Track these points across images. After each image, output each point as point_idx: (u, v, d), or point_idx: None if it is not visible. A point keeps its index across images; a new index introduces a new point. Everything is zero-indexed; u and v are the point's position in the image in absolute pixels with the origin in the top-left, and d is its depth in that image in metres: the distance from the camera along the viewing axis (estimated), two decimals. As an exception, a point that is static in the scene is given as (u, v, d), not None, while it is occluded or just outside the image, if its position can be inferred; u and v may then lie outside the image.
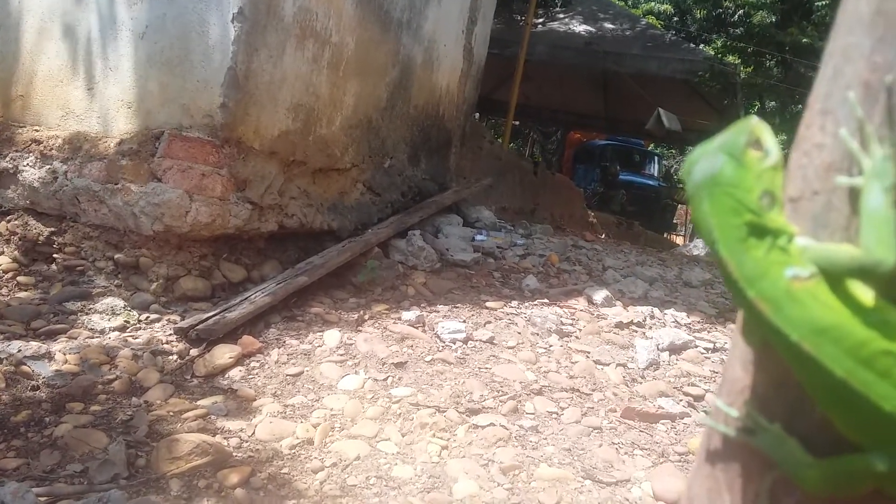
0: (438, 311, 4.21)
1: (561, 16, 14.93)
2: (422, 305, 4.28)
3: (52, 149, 4.05)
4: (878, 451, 0.52)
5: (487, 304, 4.47)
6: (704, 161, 0.60)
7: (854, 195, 0.54)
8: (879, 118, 0.53)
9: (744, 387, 0.62)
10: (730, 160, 0.59)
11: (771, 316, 0.54)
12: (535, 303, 4.60)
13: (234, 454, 2.62)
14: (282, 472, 2.56)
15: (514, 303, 4.56)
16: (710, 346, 4.11)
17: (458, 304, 4.40)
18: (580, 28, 14.41)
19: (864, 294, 0.53)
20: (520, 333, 4.02)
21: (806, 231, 0.58)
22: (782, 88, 12.81)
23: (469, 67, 6.85)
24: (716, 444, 0.64)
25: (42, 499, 2.22)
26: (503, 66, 11.96)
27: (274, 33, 3.94)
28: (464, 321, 4.06)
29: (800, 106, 14.70)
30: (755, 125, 0.61)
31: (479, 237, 6.06)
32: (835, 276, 0.53)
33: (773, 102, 14.78)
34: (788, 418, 0.57)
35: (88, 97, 4.01)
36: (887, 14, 0.52)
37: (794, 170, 0.62)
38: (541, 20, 14.29)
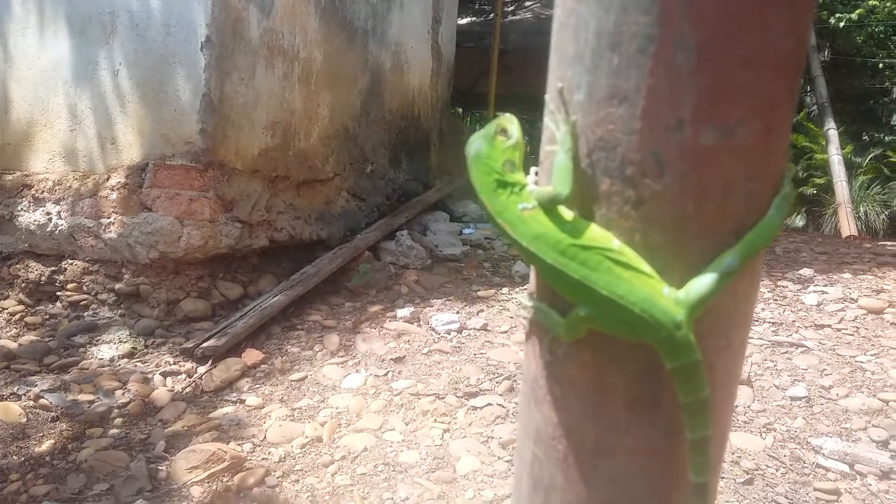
0: (432, 306, 4.36)
1: (528, 3, 15.03)
2: (416, 302, 4.44)
3: (43, 191, 4.20)
4: (579, 305, 0.86)
5: (479, 293, 4.63)
6: (472, 144, 0.95)
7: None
8: (564, 109, 0.89)
9: (532, 288, 1.00)
10: (484, 142, 0.94)
11: (511, 233, 0.88)
12: (526, 287, 4.76)
13: (249, 458, 2.78)
14: (295, 469, 2.72)
15: (505, 289, 4.72)
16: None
17: (451, 297, 4.56)
18: (553, 12, 14.50)
19: (566, 214, 0.87)
20: (512, 317, 4.18)
21: (545, 181, 0.92)
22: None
23: (439, 66, 7.00)
24: (528, 329, 1.01)
25: (73, 518, 2.38)
26: (481, 58, 12.04)
27: (243, 56, 4.09)
28: (457, 312, 4.22)
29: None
30: (503, 120, 0.96)
31: (466, 231, 6.22)
32: (545, 205, 0.87)
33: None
34: (550, 300, 0.94)
35: (72, 138, 4.16)
36: (561, 46, 0.88)
37: (542, 145, 0.96)
38: (511, 8, 14.38)
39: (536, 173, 0.95)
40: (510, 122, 0.96)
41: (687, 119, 0.77)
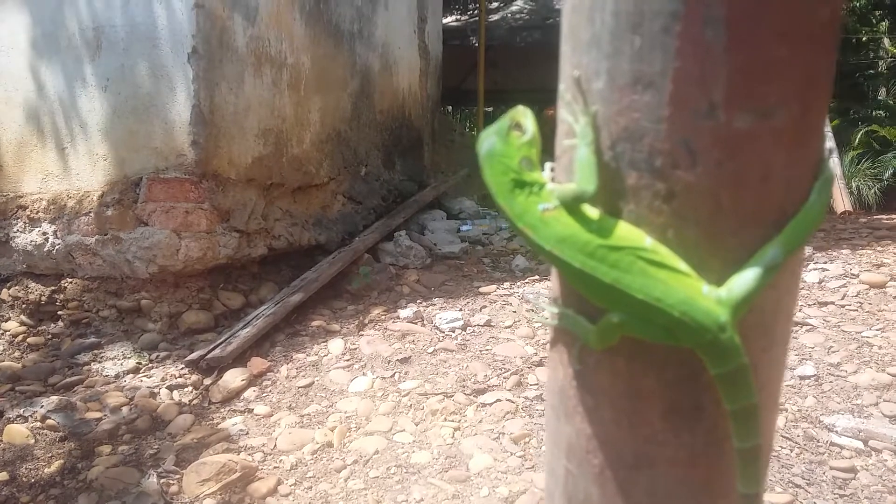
0: (435, 304, 4.35)
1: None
2: (418, 301, 4.42)
3: (38, 212, 4.18)
4: (612, 311, 0.79)
5: (481, 289, 4.61)
6: (485, 141, 0.87)
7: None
8: (582, 99, 0.81)
9: (556, 293, 0.93)
10: (498, 139, 0.86)
11: (532, 236, 0.81)
12: (527, 280, 4.75)
13: (260, 467, 2.77)
14: (307, 476, 2.71)
15: (507, 284, 4.71)
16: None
17: (453, 295, 4.54)
18: (536, 5, 14.52)
19: (591, 212, 0.79)
20: (515, 312, 4.16)
21: (563, 178, 0.85)
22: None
23: (427, 65, 6.98)
24: (552, 337, 0.95)
25: (88, 537, 2.36)
26: (468, 55, 12.07)
27: (230, 65, 4.07)
28: (460, 309, 4.20)
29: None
30: (516, 113, 0.88)
31: (464, 227, 6.21)
32: (569, 204, 0.80)
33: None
34: (577, 305, 0.86)
35: (63, 157, 4.14)
36: (575, 31, 0.81)
37: (557, 139, 0.88)
38: (495, 4, 14.39)
39: (553, 169, 0.88)
40: (524, 116, 0.88)
41: (719, 102, 0.71)
